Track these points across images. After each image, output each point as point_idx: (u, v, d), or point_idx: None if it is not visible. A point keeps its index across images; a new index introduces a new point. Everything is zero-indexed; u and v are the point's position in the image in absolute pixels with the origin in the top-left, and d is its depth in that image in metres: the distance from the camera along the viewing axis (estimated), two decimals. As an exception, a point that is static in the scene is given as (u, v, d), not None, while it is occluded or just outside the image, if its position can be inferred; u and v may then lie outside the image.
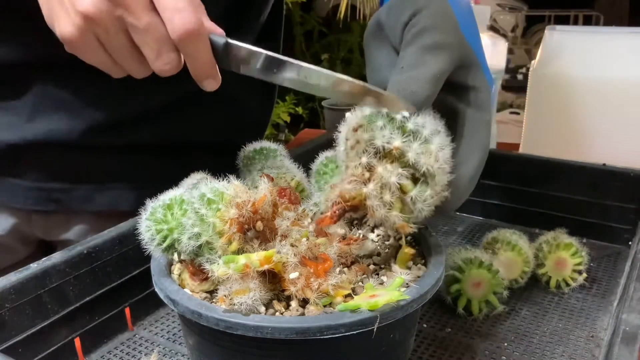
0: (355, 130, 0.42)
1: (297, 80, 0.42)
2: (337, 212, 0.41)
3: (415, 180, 0.41)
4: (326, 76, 0.41)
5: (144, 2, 0.43)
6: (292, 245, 0.40)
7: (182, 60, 0.46)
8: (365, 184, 0.41)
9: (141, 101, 0.65)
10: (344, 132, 0.43)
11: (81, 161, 0.65)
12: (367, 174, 0.41)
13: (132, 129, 0.66)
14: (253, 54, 0.42)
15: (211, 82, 0.47)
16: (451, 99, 0.48)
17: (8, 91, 0.62)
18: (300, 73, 0.41)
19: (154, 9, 0.43)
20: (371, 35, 0.52)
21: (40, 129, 0.62)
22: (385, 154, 0.41)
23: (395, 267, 0.43)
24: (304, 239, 0.41)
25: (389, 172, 0.40)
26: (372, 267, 0.45)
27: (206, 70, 0.45)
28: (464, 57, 0.47)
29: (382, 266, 0.45)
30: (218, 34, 0.44)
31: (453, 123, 0.47)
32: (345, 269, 0.42)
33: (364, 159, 0.41)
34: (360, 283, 0.42)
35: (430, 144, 0.40)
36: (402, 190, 0.41)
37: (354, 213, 0.42)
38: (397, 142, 0.40)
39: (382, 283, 0.43)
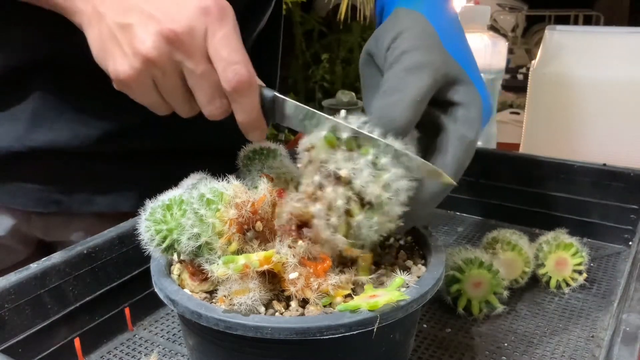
0: (307, 150, 0.42)
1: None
2: (292, 227, 0.41)
3: (364, 206, 0.40)
4: (354, 132, 0.42)
5: (201, 49, 0.44)
6: (289, 247, 0.40)
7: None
8: (314, 203, 0.40)
9: (143, 109, 0.65)
10: (300, 149, 0.43)
11: (82, 167, 0.65)
12: (318, 193, 0.40)
13: (134, 136, 0.66)
14: (297, 108, 0.45)
15: (257, 134, 0.48)
16: (437, 114, 0.47)
17: (8, 98, 0.62)
18: (334, 128, 0.42)
19: (209, 57, 0.44)
20: (364, 65, 0.53)
21: (42, 137, 0.62)
22: (338, 177, 0.40)
23: (361, 277, 0.42)
24: (300, 240, 0.41)
25: (338, 195, 0.39)
26: (372, 267, 0.45)
27: (254, 122, 0.46)
28: (449, 74, 0.46)
29: (382, 266, 0.45)
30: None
31: (436, 138, 0.47)
32: (345, 269, 0.42)
33: (317, 178, 0.40)
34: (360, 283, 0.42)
35: (385, 172, 0.39)
36: (349, 214, 0.40)
37: (307, 227, 0.41)
38: (344, 171, 0.39)
39: (382, 283, 0.43)
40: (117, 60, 0.45)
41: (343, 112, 0.43)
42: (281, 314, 0.39)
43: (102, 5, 0.46)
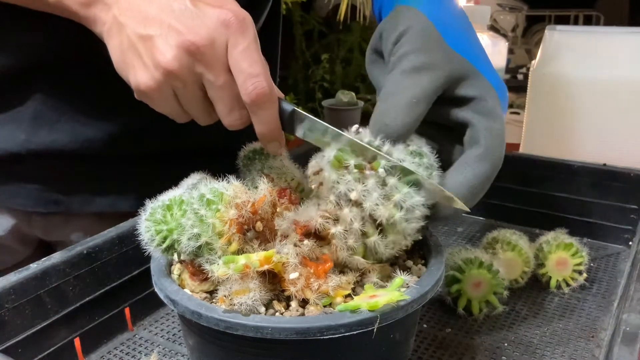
0: (316, 173, 0.42)
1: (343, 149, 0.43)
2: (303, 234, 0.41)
3: (378, 226, 0.41)
4: (363, 148, 0.42)
5: (222, 61, 0.44)
6: (295, 245, 0.40)
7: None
8: (334, 223, 0.40)
9: (143, 111, 0.65)
10: (309, 172, 0.44)
11: (82, 168, 0.65)
12: (339, 213, 0.40)
13: (134, 138, 0.66)
14: (315, 123, 0.45)
15: (276, 145, 0.48)
16: (459, 112, 0.47)
17: (9, 100, 0.62)
18: (347, 144, 0.43)
19: (229, 68, 0.44)
20: (371, 64, 0.53)
21: (42, 139, 0.62)
22: (349, 199, 0.40)
23: (374, 279, 0.42)
24: (306, 240, 0.41)
25: (354, 217, 0.40)
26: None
27: (272, 134, 0.47)
28: (454, 71, 0.46)
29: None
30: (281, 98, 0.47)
31: (463, 135, 0.47)
32: (346, 269, 0.42)
33: (332, 198, 0.41)
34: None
35: (396, 192, 0.39)
36: (364, 234, 0.40)
37: (319, 240, 0.42)
38: (354, 194, 0.39)
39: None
40: (138, 71, 0.45)
41: (355, 127, 0.43)
42: (281, 314, 0.39)
43: (123, 16, 0.46)
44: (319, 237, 0.41)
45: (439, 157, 0.44)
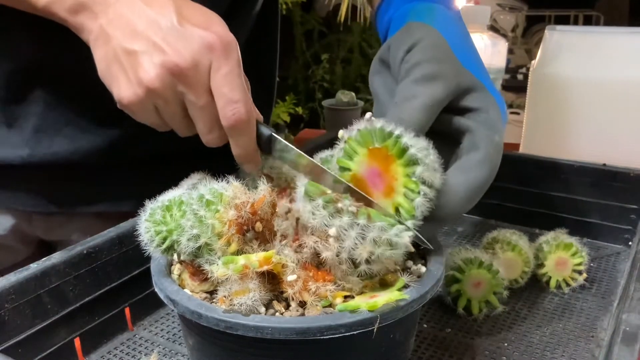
0: (286, 212, 0.42)
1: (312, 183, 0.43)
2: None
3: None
4: (330, 176, 0.43)
5: (204, 83, 0.45)
6: (295, 251, 0.40)
7: None
8: (325, 248, 0.39)
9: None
10: (279, 214, 0.43)
11: (84, 174, 0.66)
12: (325, 242, 0.39)
13: (135, 144, 0.66)
14: (290, 150, 0.46)
15: (251, 166, 0.49)
16: (458, 120, 0.48)
17: (10, 116, 0.62)
18: (319, 172, 0.44)
19: (211, 90, 0.45)
20: (376, 73, 0.53)
21: (44, 152, 0.62)
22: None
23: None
24: (307, 247, 0.41)
25: (340, 248, 0.38)
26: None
27: (248, 157, 0.48)
28: (462, 83, 0.47)
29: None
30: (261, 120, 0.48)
31: (461, 142, 0.47)
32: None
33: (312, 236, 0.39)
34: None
35: (369, 231, 0.38)
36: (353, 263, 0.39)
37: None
38: (333, 230, 0.38)
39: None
40: (121, 85, 0.46)
41: (368, 115, 0.43)
42: (281, 314, 0.39)
43: (111, 26, 0.46)
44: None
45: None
